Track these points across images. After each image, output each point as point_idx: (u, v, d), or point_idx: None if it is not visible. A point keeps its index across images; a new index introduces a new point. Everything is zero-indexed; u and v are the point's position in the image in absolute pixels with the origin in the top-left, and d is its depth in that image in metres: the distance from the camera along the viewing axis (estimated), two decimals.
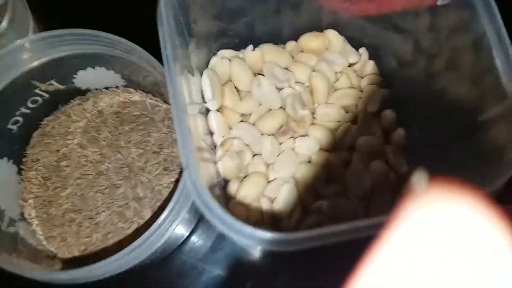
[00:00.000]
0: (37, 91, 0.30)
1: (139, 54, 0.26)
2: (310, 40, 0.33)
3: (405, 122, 0.33)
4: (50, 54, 0.28)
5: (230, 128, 0.31)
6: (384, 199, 0.31)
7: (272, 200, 0.31)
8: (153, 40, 0.24)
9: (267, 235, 0.21)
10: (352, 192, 0.31)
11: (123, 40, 0.26)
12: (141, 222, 0.30)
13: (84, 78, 0.31)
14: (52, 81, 0.30)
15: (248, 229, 0.21)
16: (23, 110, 0.30)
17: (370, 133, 0.32)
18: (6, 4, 0.29)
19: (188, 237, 0.33)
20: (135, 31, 0.27)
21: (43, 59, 0.28)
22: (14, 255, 0.26)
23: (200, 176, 0.21)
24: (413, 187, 0.10)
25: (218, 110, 0.31)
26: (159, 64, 0.26)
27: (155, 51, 0.25)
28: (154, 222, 0.30)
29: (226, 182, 0.31)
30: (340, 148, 0.32)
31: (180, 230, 0.31)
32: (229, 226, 0.21)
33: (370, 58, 0.34)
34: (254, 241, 0.21)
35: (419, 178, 0.10)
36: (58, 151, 0.32)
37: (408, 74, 0.32)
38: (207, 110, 0.31)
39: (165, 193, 0.31)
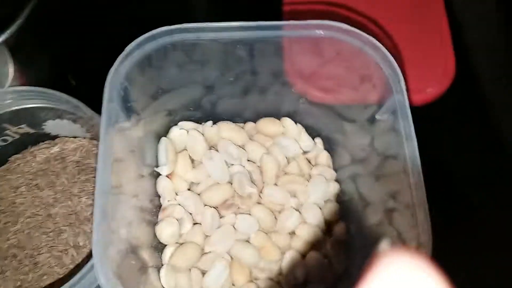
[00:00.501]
0: (7, 132, 0.33)
1: (97, 120, 0.29)
2: (267, 125, 0.34)
3: (348, 217, 0.33)
4: (22, 104, 0.31)
5: (177, 194, 0.33)
6: None
7: (203, 273, 0.31)
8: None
9: None
10: (285, 279, 0.32)
11: (83, 107, 0.28)
12: (76, 270, 0.32)
13: (53, 126, 0.33)
14: (23, 126, 0.33)
15: None
16: None
17: (313, 223, 0.32)
18: None
19: None
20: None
21: (16, 107, 0.31)
22: None
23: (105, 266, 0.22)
24: (379, 252, 0.12)
25: (168, 176, 0.33)
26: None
27: None
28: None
29: (164, 246, 0.32)
30: (280, 232, 0.32)
31: None
32: None
33: (325, 149, 0.35)
34: None
35: (384, 245, 0.12)
36: (17, 188, 0.34)
37: (359, 171, 0.33)
38: (159, 174, 0.33)
39: None
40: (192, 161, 0.34)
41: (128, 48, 0.26)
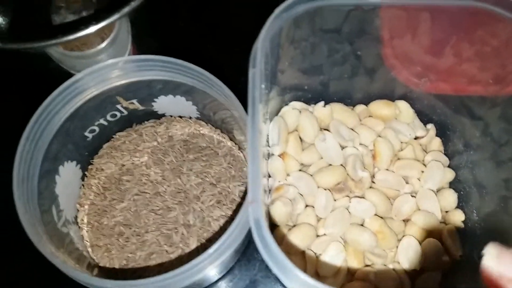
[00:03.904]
0: (118, 106, 0.32)
1: (222, 91, 0.28)
2: (380, 107, 0.33)
3: (466, 205, 0.32)
4: (138, 76, 0.30)
5: (288, 175, 0.32)
6: (433, 279, 0.30)
7: (317, 256, 0.30)
8: (237, 81, 0.26)
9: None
10: (400, 266, 0.30)
11: (210, 75, 0.28)
12: (185, 249, 0.30)
13: (163, 103, 0.33)
14: (134, 100, 0.32)
15: (301, 275, 0.21)
16: (102, 121, 0.32)
17: (428, 210, 0.31)
18: (113, 25, 0.32)
19: (217, 282, 0.33)
20: (220, 69, 0.29)
21: (131, 79, 0.30)
22: (61, 251, 0.27)
23: (263, 213, 0.22)
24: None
25: (279, 156, 0.32)
26: (239, 103, 0.27)
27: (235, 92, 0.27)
28: (197, 251, 0.30)
29: (272, 227, 0.31)
30: (396, 218, 0.31)
31: (212, 272, 0.31)
32: (281, 267, 0.21)
33: (436, 135, 0.34)
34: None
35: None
36: (123, 165, 0.33)
37: (474, 158, 0.32)
38: (269, 154, 0.32)
39: (214, 225, 0.31)
40: (302, 142, 0.33)
41: (276, 11, 0.25)
